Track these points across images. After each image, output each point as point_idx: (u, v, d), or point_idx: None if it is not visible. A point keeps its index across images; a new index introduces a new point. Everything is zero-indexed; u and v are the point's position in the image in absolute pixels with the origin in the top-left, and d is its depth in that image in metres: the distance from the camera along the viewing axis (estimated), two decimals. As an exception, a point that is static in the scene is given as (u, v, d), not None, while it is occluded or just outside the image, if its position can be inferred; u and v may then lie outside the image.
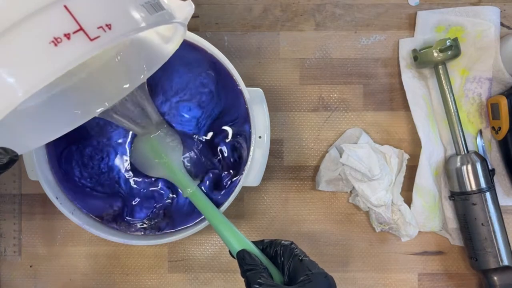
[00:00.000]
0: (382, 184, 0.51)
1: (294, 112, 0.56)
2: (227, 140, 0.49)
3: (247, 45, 0.56)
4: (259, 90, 0.49)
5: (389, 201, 0.52)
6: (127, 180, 0.51)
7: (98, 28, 0.26)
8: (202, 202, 0.46)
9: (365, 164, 0.51)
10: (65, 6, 0.26)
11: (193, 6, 0.35)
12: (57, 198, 0.48)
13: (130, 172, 0.51)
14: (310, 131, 0.56)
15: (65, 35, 0.25)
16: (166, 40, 0.37)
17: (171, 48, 0.37)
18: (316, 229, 0.56)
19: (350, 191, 0.55)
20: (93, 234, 0.48)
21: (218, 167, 0.50)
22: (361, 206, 0.54)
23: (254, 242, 0.42)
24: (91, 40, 0.26)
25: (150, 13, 0.29)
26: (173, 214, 0.50)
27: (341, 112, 0.56)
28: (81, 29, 0.26)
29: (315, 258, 0.55)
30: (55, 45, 0.25)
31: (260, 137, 0.48)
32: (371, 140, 0.55)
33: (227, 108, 0.49)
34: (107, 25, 0.26)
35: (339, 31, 0.56)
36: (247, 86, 0.47)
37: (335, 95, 0.56)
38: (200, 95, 0.49)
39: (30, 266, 0.56)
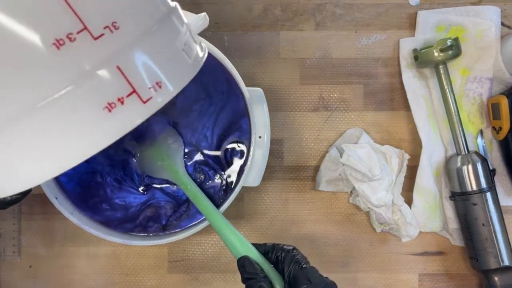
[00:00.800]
0: (383, 184, 0.51)
1: (294, 112, 0.56)
2: (226, 140, 0.49)
3: (247, 45, 0.55)
4: (259, 90, 0.49)
5: (389, 201, 0.52)
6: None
7: (150, 88, 0.24)
8: (202, 202, 0.46)
9: (366, 164, 0.51)
10: (117, 67, 0.23)
11: (208, 19, 0.32)
12: (56, 199, 0.47)
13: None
14: (310, 131, 0.56)
15: (119, 99, 0.23)
16: None
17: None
18: (317, 229, 0.56)
19: (351, 191, 0.55)
20: (93, 234, 0.48)
21: (218, 166, 0.50)
22: (361, 206, 0.54)
23: (255, 245, 0.42)
24: (144, 102, 0.24)
25: (190, 57, 0.27)
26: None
27: (341, 112, 0.56)
28: (134, 91, 0.23)
29: (315, 259, 0.55)
30: (109, 111, 0.23)
31: (260, 137, 0.48)
32: (371, 140, 0.55)
33: (227, 108, 0.49)
34: (157, 84, 0.24)
35: (340, 31, 0.56)
36: (247, 86, 0.47)
37: (335, 95, 0.56)
38: (199, 96, 0.49)
39: (30, 267, 0.56)
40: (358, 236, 0.56)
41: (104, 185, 0.50)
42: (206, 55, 0.29)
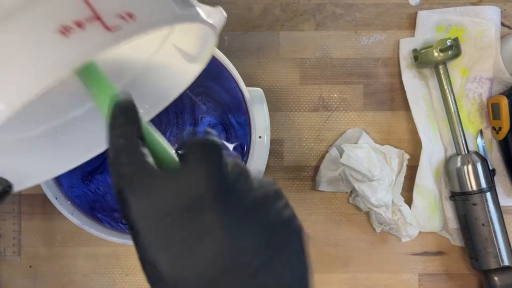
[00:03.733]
0: (383, 184, 0.51)
1: (294, 112, 0.56)
2: (226, 140, 0.49)
3: (247, 45, 0.55)
4: (259, 90, 0.49)
5: (389, 201, 0.52)
6: None
7: (117, 17, 0.22)
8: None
9: (365, 165, 0.51)
10: None
11: (225, 15, 0.29)
12: (56, 199, 0.47)
13: None
14: (310, 131, 0.56)
15: (76, 23, 0.21)
16: (190, 59, 0.31)
17: (196, 68, 0.31)
18: (316, 229, 0.56)
19: (351, 192, 0.55)
20: (93, 235, 0.48)
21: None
22: (361, 206, 0.54)
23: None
24: (110, 30, 0.21)
25: (178, 7, 0.24)
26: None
27: (341, 112, 0.56)
28: (96, 16, 0.21)
29: (315, 259, 0.55)
30: (64, 34, 0.20)
31: (260, 137, 0.48)
32: (371, 140, 0.55)
33: (226, 109, 0.49)
34: (128, 15, 0.22)
35: (339, 31, 0.56)
36: (247, 86, 0.47)
37: (335, 95, 0.56)
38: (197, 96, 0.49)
39: (30, 267, 0.56)
40: (358, 236, 0.56)
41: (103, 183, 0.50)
42: (210, 22, 0.27)
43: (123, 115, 0.24)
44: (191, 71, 0.32)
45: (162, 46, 0.32)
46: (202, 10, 0.27)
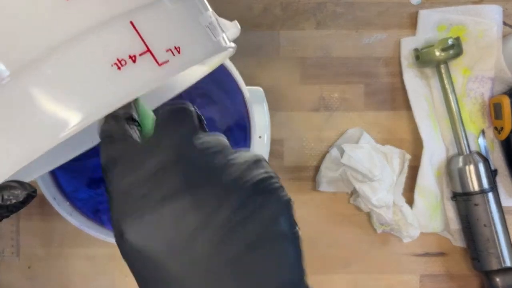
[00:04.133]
0: (383, 184, 0.51)
1: (294, 111, 0.55)
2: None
3: (247, 44, 0.55)
4: (260, 89, 0.48)
5: (390, 202, 0.52)
6: None
7: (167, 51, 0.22)
8: None
9: (366, 165, 0.50)
10: (131, 23, 0.21)
11: (239, 28, 0.30)
12: (54, 199, 0.47)
13: None
14: (311, 131, 0.55)
15: (130, 57, 0.21)
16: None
17: (202, 70, 0.32)
18: (317, 230, 0.55)
19: (351, 192, 0.55)
20: (92, 235, 0.47)
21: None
22: (362, 207, 0.53)
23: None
24: (160, 65, 0.21)
25: (214, 36, 0.25)
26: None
27: (342, 112, 0.55)
28: (148, 50, 0.21)
29: (316, 260, 0.55)
30: (118, 68, 0.21)
31: (260, 137, 0.48)
32: (372, 140, 0.54)
33: (226, 109, 0.49)
34: (176, 48, 0.22)
35: (340, 30, 0.55)
36: (247, 85, 0.47)
37: (336, 94, 0.55)
38: (195, 96, 0.49)
39: (28, 267, 0.56)
40: (358, 237, 0.55)
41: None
42: (232, 48, 0.27)
43: None
44: (197, 72, 0.32)
45: None
46: (225, 30, 0.27)
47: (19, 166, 0.21)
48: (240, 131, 0.49)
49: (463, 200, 0.51)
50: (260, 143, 0.48)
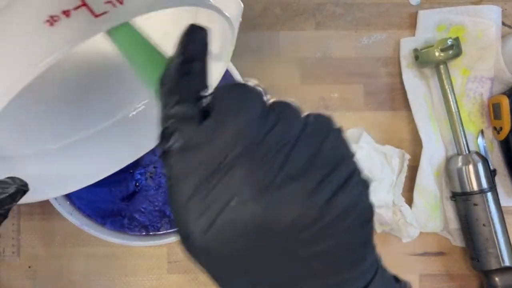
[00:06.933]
0: (383, 184, 0.51)
1: (294, 112, 0.55)
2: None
3: (247, 44, 0.55)
4: (259, 89, 0.48)
5: (390, 202, 0.52)
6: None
7: (106, 2, 0.21)
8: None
9: (366, 165, 0.50)
10: None
11: (242, 5, 0.28)
12: (55, 199, 0.47)
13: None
14: (311, 131, 0.56)
15: (63, 12, 0.21)
16: (215, 58, 0.31)
17: (221, 67, 0.30)
18: (317, 229, 0.55)
19: (351, 192, 0.55)
20: (92, 235, 0.47)
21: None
22: (361, 206, 0.53)
23: None
24: (96, 16, 0.21)
25: None
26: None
27: (341, 112, 0.56)
28: (83, 4, 0.21)
29: (315, 259, 0.55)
30: (51, 24, 0.21)
31: (260, 137, 0.48)
32: (372, 140, 0.54)
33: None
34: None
35: (340, 31, 0.55)
36: (247, 85, 0.47)
37: (335, 95, 0.55)
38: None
39: (29, 267, 0.56)
40: (358, 237, 0.55)
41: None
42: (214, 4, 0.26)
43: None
44: (217, 70, 0.31)
45: None
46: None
47: None
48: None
49: (462, 200, 0.52)
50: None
